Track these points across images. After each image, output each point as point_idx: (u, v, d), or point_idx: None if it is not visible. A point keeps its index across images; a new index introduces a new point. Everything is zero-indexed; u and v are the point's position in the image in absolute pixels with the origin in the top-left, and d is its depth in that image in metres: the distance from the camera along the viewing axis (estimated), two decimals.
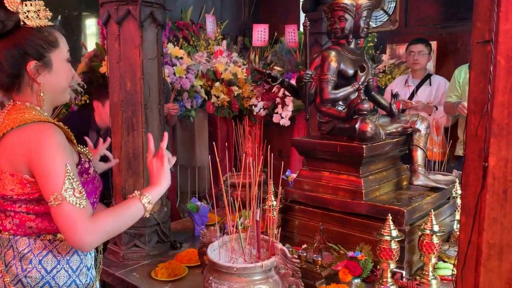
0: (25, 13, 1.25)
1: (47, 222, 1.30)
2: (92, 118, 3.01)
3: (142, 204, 1.34)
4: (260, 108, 4.71)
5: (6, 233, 1.33)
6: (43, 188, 1.23)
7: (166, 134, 1.50)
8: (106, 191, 1.84)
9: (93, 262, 1.47)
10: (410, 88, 3.98)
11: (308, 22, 2.23)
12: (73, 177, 1.24)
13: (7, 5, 1.21)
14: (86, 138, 1.85)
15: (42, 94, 1.31)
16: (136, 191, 1.37)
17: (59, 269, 1.33)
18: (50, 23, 1.32)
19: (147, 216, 1.37)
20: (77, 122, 2.89)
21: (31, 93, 1.32)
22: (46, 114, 1.34)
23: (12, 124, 1.24)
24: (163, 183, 1.42)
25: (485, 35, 1.06)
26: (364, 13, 2.20)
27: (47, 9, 1.32)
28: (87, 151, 1.53)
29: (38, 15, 1.27)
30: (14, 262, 1.31)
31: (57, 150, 1.24)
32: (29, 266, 1.31)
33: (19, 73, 1.29)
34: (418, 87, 3.96)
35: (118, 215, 1.31)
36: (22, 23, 1.25)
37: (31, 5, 1.26)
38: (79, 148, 1.47)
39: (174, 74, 4.02)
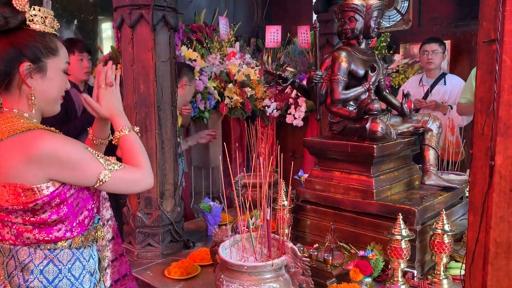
0: (31, 16, 1.25)
1: (44, 233, 1.28)
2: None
3: (136, 132, 1.47)
4: (273, 109, 4.73)
5: (7, 243, 1.31)
6: (82, 177, 1.27)
7: (110, 62, 1.47)
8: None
9: (96, 266, 1.46)
10: (424, 88, 3.93)
11: (318, 23, 2.24)
12: (96, 152, 1.31)
13: (14, 3, 1.22)
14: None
15: (33, 98, 1.29)
16: (123, 129, 1.43)
17: (61, 278, 1.32)
18: (55, 32, 1.33)
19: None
20: None
21: (19, 96, 1.29)
22: (35, 121, 1.31)
23: (1, 135, 1.22)
24: (122, 109, 1.47)
25: (491, 34, 1.06)
26: (375, 14, 2.20)
27: (56, 20, 1.33)
28: None
29: (44, 21, 1.28)
30: (16, 273, 1.30)
31: (67, 143, 1.26)
32: (31, 277, 1.29)
33: (10, 72, 1.26)
34: (432, 86, 3.91)
35: (139, 148, 1.43)
36: (26, 25, 1.25)
37: (39, 10, 1.27)
38: None
39: None
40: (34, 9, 1.26)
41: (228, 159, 1.56)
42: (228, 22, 4.90)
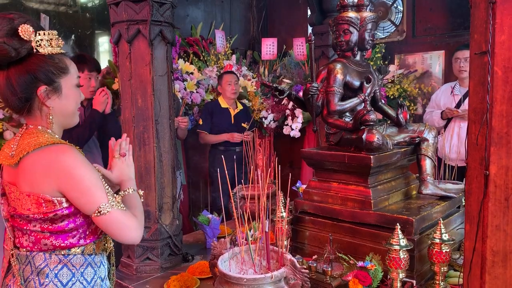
0: (38, 41, 1.32)
1: (61, 239, 1.37)
2: None
3: (140, 195, 1.55)
4: (270, 120, 4.75)
5: (24, 249, 1.39)
6: (83, 203, 1.33)
7: (125, 135, 1.64)
8: None
9: (106, 273, 1.52)
10: (456, 97, 3.74)
11: (313, 36, 2.27)
12: (107, 186, 1.38)
13: (21, 34, 1.29)
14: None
15: (51, 117, 1.38)
16: (128, 189, 1.51)
17: (74, 282, 1.39)
18: (62, 51, 1.40)
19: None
20: None
21: (40, 116, 1.39)
22: (57, 136, 1.40)
23: (28, 148, 1.31)
24: (133, 177, 1.59)
25: (482, 46, 1.09)
26: (369, 26, 2.23)
27: (60, 38, 1.40)
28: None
29: (50, 43, 1.35)
30: (32, 277, 1.37)
31: (86, 167, 1.34)
32: (46, 280, 1.36)
33: (30, 97, 1.35)
34: (465, 95, 3.65)
35: (138, 207, 1.50)
36: (35, 50, 1.33)
37: (44, 34, 1.34)
38: None
39: (185, 89, 4.09)
40: (39, 35, 1.33)
41: (226, 171, 1.57)
42: (224, 35, 4.95)
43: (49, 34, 1.35)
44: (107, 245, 1.51)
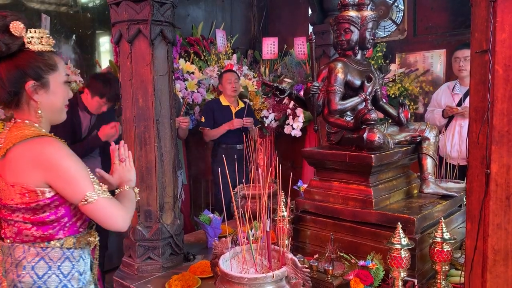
0: (29, 38, 1.39)
1: (41, 230, 1.42)
2: (79, 98, 3.05)
3: (135, 193, 1.65)
4: (272, 120, 4.75)
5: (8, 240, 1.45)
6: (70, 192, 1.39)
7: (122, 142, 1.73)
8: None
9: (87, 267, 1.56)
10: (456, 96, 3.72)
11: (314, 35, 2.27)
12: (93, 176, 1.44)
13: (12, 30, 1.35)
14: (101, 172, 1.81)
15: (39, 112, 1.44)
16: (124, 186, 1.62)
17: (50, 275, 1.45)
18: (52, 49, 1.46)
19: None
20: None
21: (28, 110, 1.45)
22: (44, 130, 1.46)
23: (14, 140, 1.37)
24: (134, 179, 1.70)
25: (483, 45, 1.08)
26: (370, 25, 2.23)
27: (51, 37, 1.46)
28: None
29: (40, 41, 1.41)
30: (11, 269, 1.44)
31: (71, 157, 1.41)
32: (23, 272, 1.43)
33: (18, 91, 1.41)
34: (466, 94, 3.64)
35: (131, 201, 1.58)
36: (26, 47, 1.39)
37: (35, 32, 1.40)
38: None
39: (186, 88, 4.10)
40: (30, 32, 1.39)
41: (227, 170, 1.57)
42: (225, 35, 4.95)
43: (40, 32, 1.42)
44: (91, 239, 1.55)
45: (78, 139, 3.01)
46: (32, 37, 1.39)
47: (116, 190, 1.62)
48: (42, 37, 1.42)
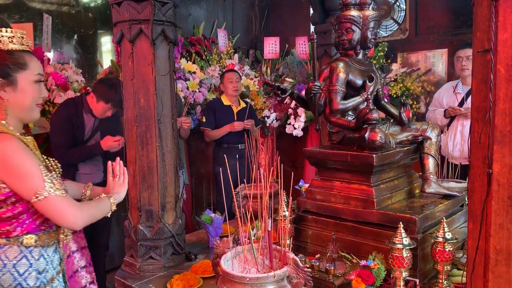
0: None
1: None
2: (85, 100, 3.05)
3: (111, 202, 1.69)
4: (273, 120, 4.75)
5: None
6: (22, 189, 1.42)
7: (117, 159, 1.85)
8: (121, 204, 1.89)
9: (50, 266, 1.56)
10: (458, 96, 3.71)
11: (315, 35, 2.27)
12: (47, 173, 1.46)
13: None
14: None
15: (5, 109, 1.47)
16: (104, 194, 1.71)
17: (5, 272, 1.47)
18: (25, 48, 1.50)
19: (109, 215, 1.69)
20: (69, 110, 2.98)
21: None
22: (11, 128, 1.48)
23: None
24: (122, 194, 1.79)
25: (485, 44, 1.08)
26: (371, 24, 2.23)
27: (25, 37, 1.51)
28: (56, 166, 1.66)
29: (11, 40, 1.47)
30: None
31: (25, 155, 1.43)
32: None
33: None
34: (468, 94, 3.63)
35: (96, 206, 1.63)
36: None
37: (6, 31, 1.46)
38: (48, 161, 1.62)
39: (188, 88, 4.10)
40: (1, 31, 1.45)
41: (228, 170, 1.57)
42: (226, 34, 4.95)
43: (12, 31, 1.47)
44: (61, 237, 1.58)
45: (80, 141, 3.01)
46: (2, 37, 1.45)
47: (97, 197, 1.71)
48: (13, 37, 1.46)
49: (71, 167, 2.95)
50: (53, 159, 1.66)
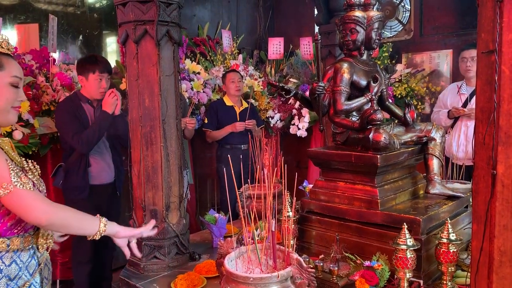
0: None
1: None
2: (79, 93, 3.03)
3: (100, 223, 1.55)
4: (277, 120, 4.75)
5: None
6: None
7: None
8: (126, 204, 1.89)
9: (24, 272, 1.48)
10: (462, 96, 3.70)
11: (320, 35, 2.27)
12: (14, 168, 1.41)
13: None
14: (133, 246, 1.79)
15: None
16: (100, 216, 1.58)
17: None
18: (5, 51, 1.47)
19: (97, 238, 1.55)
20: (68, 104, 2.96)
21: None
22: None
23: None
24: (119, 233, 1.63)
25: (489, 45, 1.08)
26: (376, 25, 2.22)
27: (6, 42, 1.48)
28: (34, 168, 1.60)
29: None
30: None
31: None
32: None
33: None
34: (472, 95, 3.63)
35: (75, 216, 1.52)
36: None
37: None
38: (26, 163, 1.57)
39: (192, 89, 4.11)
40: None
41: (232, 170, 1.58)
42: (231, 35, 4.96)
43: None
44: (39, 241, 1.51)
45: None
46: None
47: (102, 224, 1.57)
48: None
49: (82, 161, 2.92)
50: (32, 161, 1.60)
